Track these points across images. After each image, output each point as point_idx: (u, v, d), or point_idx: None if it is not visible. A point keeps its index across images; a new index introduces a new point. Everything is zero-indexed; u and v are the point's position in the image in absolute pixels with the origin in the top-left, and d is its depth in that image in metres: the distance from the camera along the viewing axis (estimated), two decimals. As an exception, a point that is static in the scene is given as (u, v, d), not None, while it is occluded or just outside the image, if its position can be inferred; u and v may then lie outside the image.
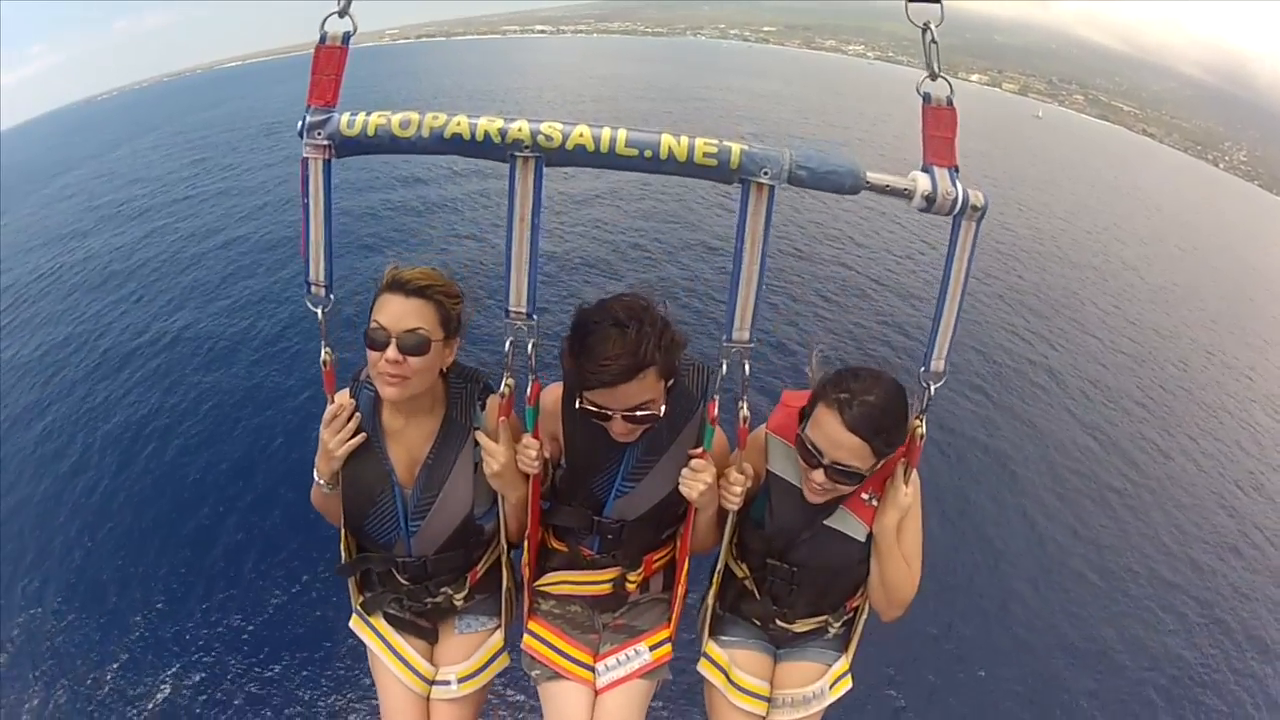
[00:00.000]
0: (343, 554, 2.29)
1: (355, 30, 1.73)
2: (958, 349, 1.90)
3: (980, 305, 16.14)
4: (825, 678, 2.35)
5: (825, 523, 2.15)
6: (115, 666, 6.62)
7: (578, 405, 2.00)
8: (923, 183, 1.72)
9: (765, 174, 1.67)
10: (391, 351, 1.94)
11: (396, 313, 1.95)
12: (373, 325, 1.96)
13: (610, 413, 1.96)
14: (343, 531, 2.25)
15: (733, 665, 2.35)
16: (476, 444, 2.15)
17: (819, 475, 1.97)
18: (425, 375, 2.04)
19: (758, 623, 2.40)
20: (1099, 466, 11.26)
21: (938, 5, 1.73)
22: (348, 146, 1.71)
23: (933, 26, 1.72)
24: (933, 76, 1.74)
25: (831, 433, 1.92)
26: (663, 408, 2.00)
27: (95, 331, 13.53)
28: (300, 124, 1.71)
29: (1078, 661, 7.80)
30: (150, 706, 6.25)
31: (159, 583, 7.46)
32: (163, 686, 6.44)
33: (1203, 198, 63.69)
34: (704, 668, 2.39)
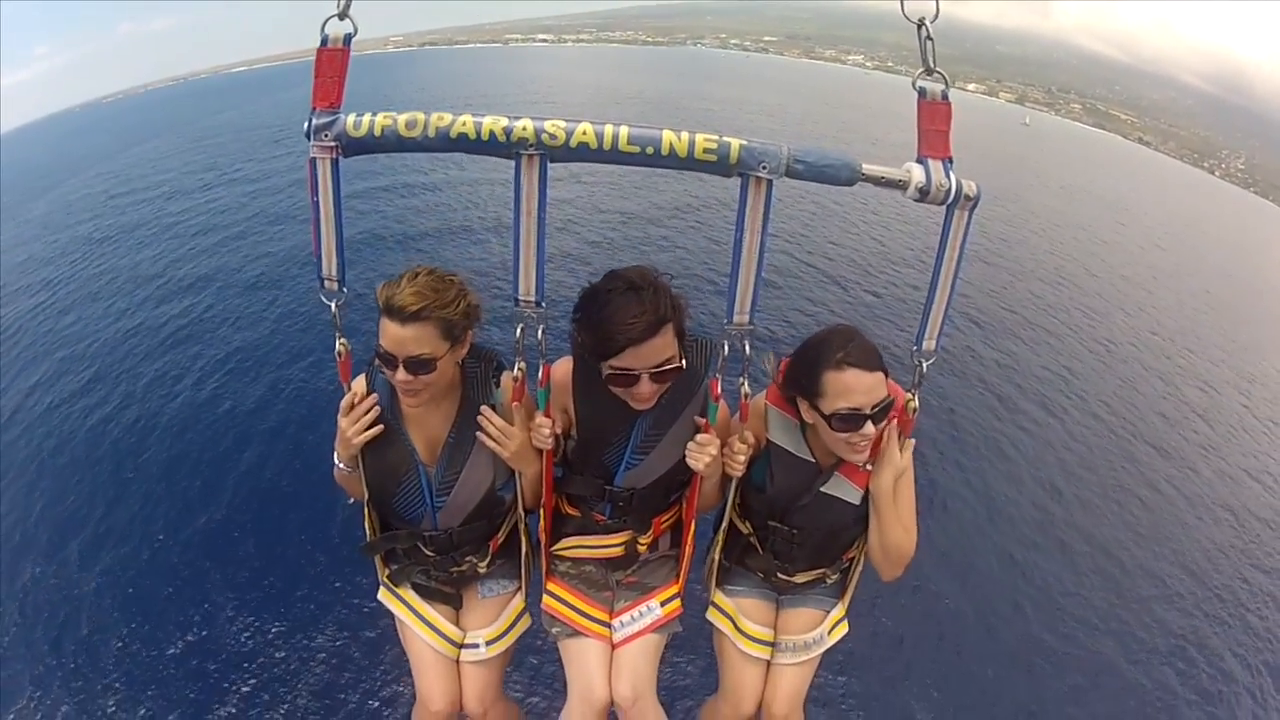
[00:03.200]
0: (367, 531, 2.41)
1: (356, 32, 1.77)
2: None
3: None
4: (824, 624, 2.54)
5: (822, 489, 2.28)
6: (137, 638, 6.72)
7: (603, 375, 2.06)
8: (917, 174, 1.78)
9: (763, 168, 1.73)
10: (401, 374, 2.04)
11: (397, 338, 2.01)
12: (379, 349, 2.05)
13: (638, 372, 2.02)
14: (366, 510, 2.36)
15: (739, 613, 2.54)
16: None
17: (868, 429, 2.05)
18: (440, 382, 2.14)
19: (761, 574, 2.57)
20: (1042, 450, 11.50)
21: (933, 2, 1.78)
22: (355, 146, 1.76)
23: (928, 23, 1.78)
24: (928, 72, 1.80)
25: (859, 384, 2.02)
26: (683, 361, 2.09)
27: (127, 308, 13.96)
28: (307, 125, 1.75)
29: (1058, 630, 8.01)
30: (170, 676, 6.33)
31: (183, 559, 7.57)
32: (185, 659, 6.53)
33: (1183, 202, 63.71)
34: (713, 616, 2.59)
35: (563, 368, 2.25)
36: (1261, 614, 8.95)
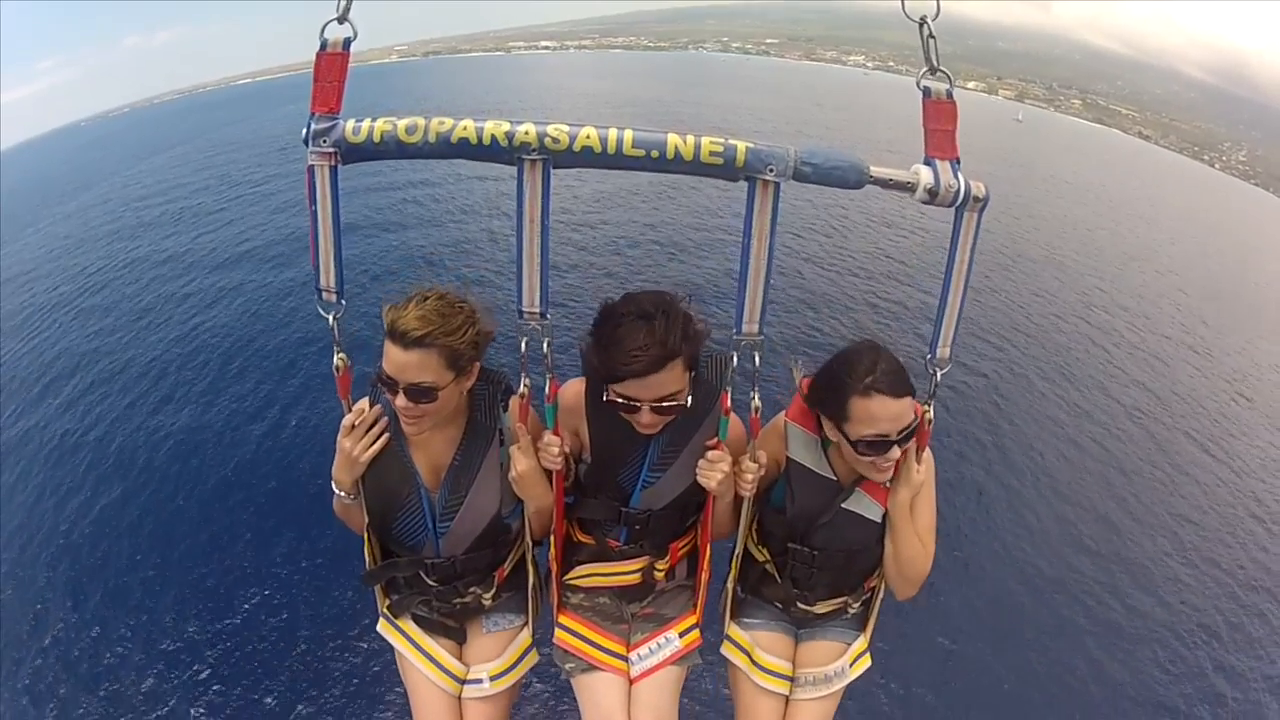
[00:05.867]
0: (367, 559, 2.29)
1: (355, 36, 1.74)
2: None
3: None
4: (845, 656, 2.42)
5: (843, 506, 2.21)
6: (128, 674, 6.64)
7: (605, 398, 2.01)
8: (925, 176, 1.75)
9: (770, 171, 1.69)
10: (401, 400, 1.97)
11: (399, 364, 1.94)
12: (381, 371, 1.99)
13: (639, 404, 1.98)
14: (366, 537, 2.25)
15: (755, 647, 2.42)
16: (502, 444, 2.17)
17: (895, 453, 2.02)
18: (443, 411, 2.07)
19: (779, 605, 2.47)
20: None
21: (933, 1, 1.75)
22: (354, 153, 1.73)
23: (929, 21, 1.75)
24: (932, 71, 1.77)
25: (885, 411, 1.98)
26: (689, 399, 2.03)
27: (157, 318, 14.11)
28: (305, 131, 1.72)
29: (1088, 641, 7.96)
30: (163, 690, 6.28)
31: (173, 589, 7.49)
32: (175, 695, 6.44)
33: (1174, 193, 63.41)
34: (727, 650, 2.45)
35: (574, 388, 2.20)
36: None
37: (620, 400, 2.00)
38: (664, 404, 1.99)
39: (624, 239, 17.76)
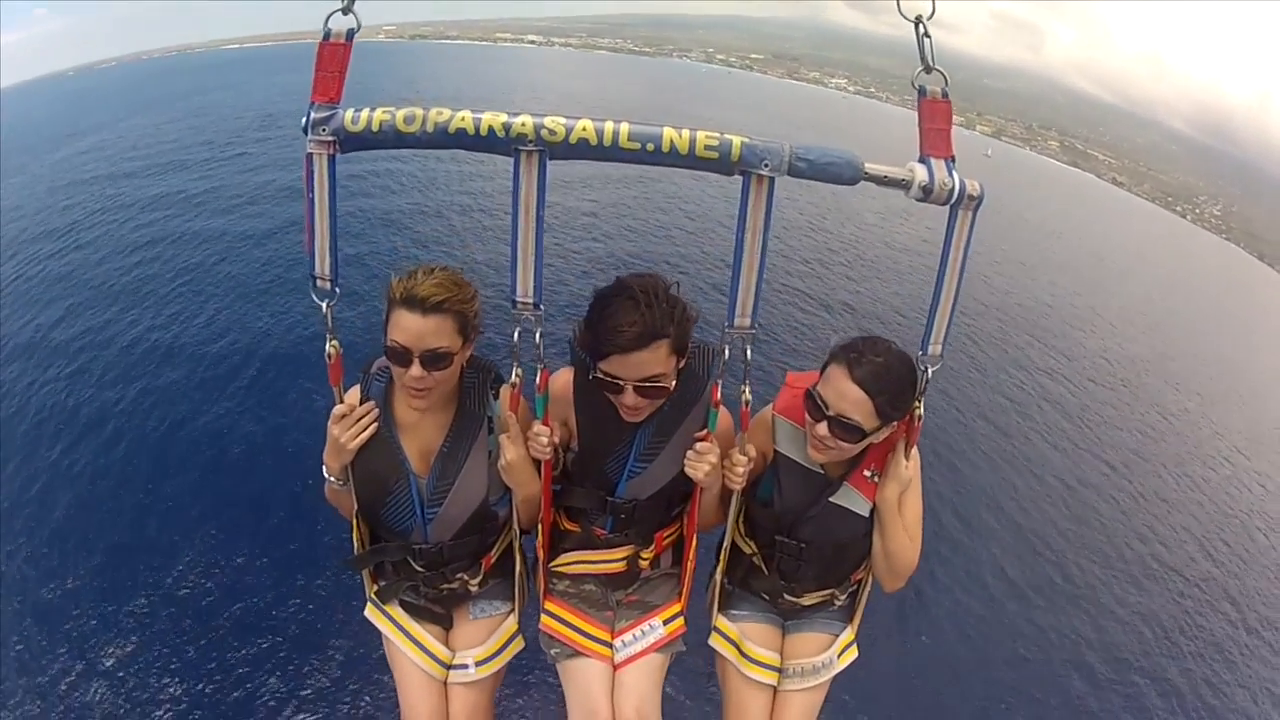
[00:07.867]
0: (355, 545, 2.31)
1: (359, 27, 1.75)
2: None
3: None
4: (833, 648, 2.45)
5: (831, 500, 2.23)
6: (117, 659, 6.50)
7: (591, 376, 2.03)
8: (920, 173, 1.77)
9: (765, 166, 1.71)
10: (415, 369, 1.98)
11: (416, 331, 1.96)
12: (392, 343, 1.98)
13: (622, 383, 1.99)
14: (355, 523, 2.28)
15: (744, 638, 2.44)
16: (491, 432, 2.19)
17: (822, 428, 2.05)
18: (449, 382, 2.10)
19: (766, 597, 2.49)
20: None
21: (929, 1, 1.79)
22: (352, 142, 1.74)
23: (924, 20, 1.78)
24: (927, 70, 1.79)
25: (838, 385, 2.02)
26: (673, 383, 2.05)
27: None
28: (305, 120, 1.72)
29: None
30: (154, 705, 6.11)
31: (164, 576, 7.34)
32: (169, 684, 6.32)
33: (1130, 235, 65.75)
34: (715, 642, 2.47)
35: (562, 378, 2.22)
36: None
37: (605, 378, 2.01)
38: (647, 385, 2.01)
39: (612, 231, 17.82)
